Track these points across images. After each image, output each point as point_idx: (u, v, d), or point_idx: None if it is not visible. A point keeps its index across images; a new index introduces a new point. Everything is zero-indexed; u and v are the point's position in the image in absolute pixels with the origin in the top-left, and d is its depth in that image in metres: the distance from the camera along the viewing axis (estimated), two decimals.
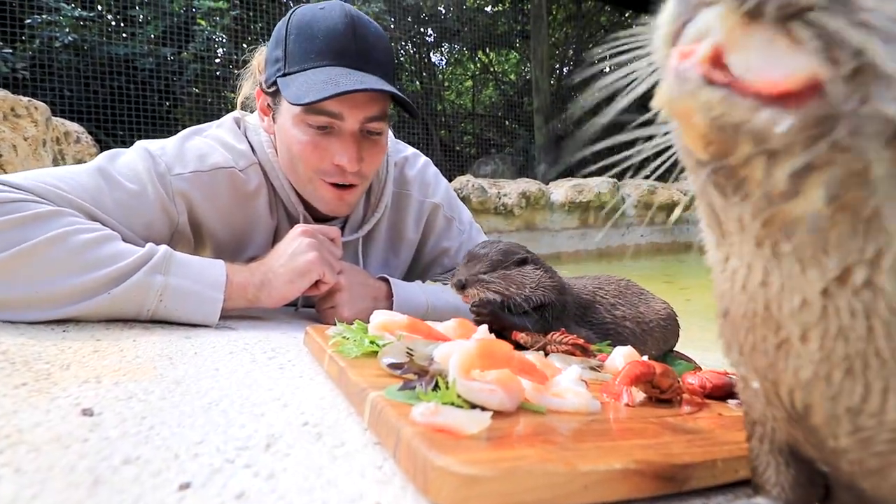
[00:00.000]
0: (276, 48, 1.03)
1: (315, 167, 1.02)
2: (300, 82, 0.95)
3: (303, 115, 0.98)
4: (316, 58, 0.97)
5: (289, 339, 0.83)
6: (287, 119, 1.02)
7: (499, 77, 9.84)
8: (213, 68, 5.37)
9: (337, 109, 0.96)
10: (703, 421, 0.56)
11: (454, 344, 0.50)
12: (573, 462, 0.36)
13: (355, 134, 1.01)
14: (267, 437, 0.42)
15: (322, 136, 1.00)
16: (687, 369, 0.96)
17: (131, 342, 0.68)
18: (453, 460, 0.33)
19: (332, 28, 0.98)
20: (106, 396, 0.47)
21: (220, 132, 1.14)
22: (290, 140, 1.02)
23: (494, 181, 5.23)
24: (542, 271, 0.92)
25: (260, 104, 1.10)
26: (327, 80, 0.93)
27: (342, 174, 1.03)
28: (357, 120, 0.99)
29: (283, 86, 0.98)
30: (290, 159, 1.05)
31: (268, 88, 1.05)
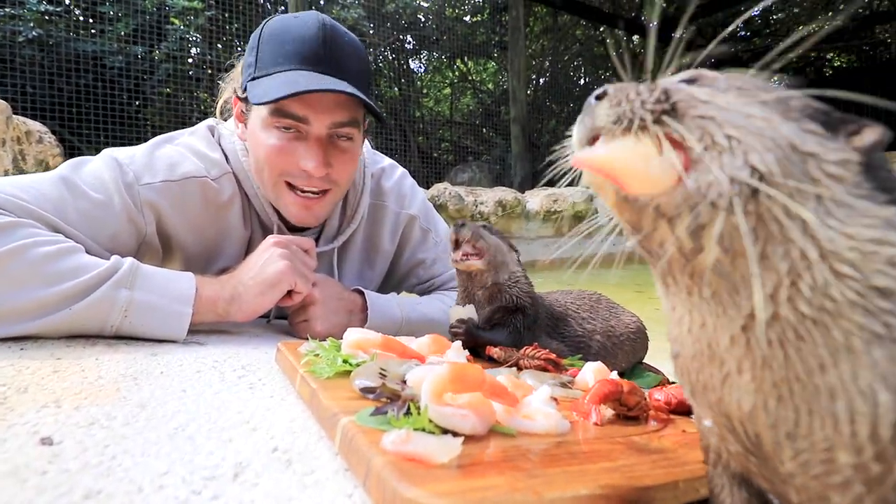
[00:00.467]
0: (249, 54, 1.03)
1: (280, 170, 1.01)
2: (265, 84, 0.95)
3: (270, 118, 0.98)
4: (283, 62, 0.97)
5: (260, 354, 0.82)
6: (256, 123, 1.01)
7: (477, 86, 9.94)
8: (186, 68, 5.24)
9: (302, 113, 0.96)
10: (667, 439, 0.58)
11: (426, 368, 0.50)
12: (540, 490, 0.37)
13: (322, 139, 1.00)
14: (235, 465, 0.41)
15: (289, 140, 0.99)
16: (655, 381, 0.99)
17: (94, 361, 0.66)
18: (422, 492, 0.33)
19: (302, 34, 0.98)
20: (66, 423, 0.45)
21: (192, 140, 1.11)
22: (258, 144, 1.01)
23: (471, 189, 5.27)
24: (523, 274, 0.94)
25: (236, 111, 1.09)
26: (289, 81, 0.93)
27: (308, 179, 1.02)
28: (324, 124, 0.99)
29: (250, 89, 0.98)
30: (257, 164, 1.04)
31: (241, 94, 1.04)
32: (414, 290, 1.39)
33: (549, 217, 5.43)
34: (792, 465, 0.31)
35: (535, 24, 9.18)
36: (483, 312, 0.91)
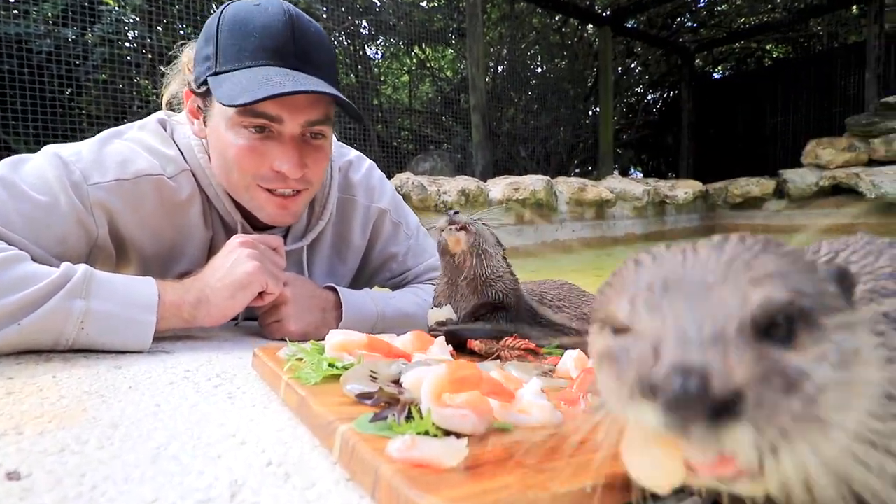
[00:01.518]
0: (207, 45, 0.95)
1: (253, 173, 0.96)
2: (233, 82, 0.88)
3: (238, 117, 0.91)
4: (251, 56, 0.91)
5: (233, 360, 0.78)
6: (220, 122, 0.94)
7: (435, 73, 9.84)
8: (124, 53, 4.86)
9: (276, 112, 0.91)
10: None
11: (423, 370, 0.49)
12: (550, 486, 0.37)
13: (296, 138, 0.95)
14: (230, 484, 0.39)
15: (260, 139, 0.93)
16: None
17: (51, 379, 0.61)
18: (438, 499, 0.32)
19: (268, 25, 0.91)
20: (32, 451, 0.41)
21: (143, 135, 1.03)
22: (224, 144, 0.94)
23: (434, 179, 5.24)
24: (508, 270, 0.94)
25: (189, 106, 1.01)
26: (264, 80, 0.87)
27: (283, 181, 0.97)
28: (298, 124, 0.94)
29: (215, 85, 0.90)
30: (224, 165, 0.97)
31: (197, 88, 0.97)
32: (387, 283, 1.37)
33: (511, 205, 5.49)
34: None
35: (493, 11, 9.15)
36: (466, 306, 0.91)
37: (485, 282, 0.89)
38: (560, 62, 9.70)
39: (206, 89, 0.94)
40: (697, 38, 10.06)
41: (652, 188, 6.97)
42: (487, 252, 0.90)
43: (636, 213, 6.81)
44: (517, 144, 8.86)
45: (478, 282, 0.89)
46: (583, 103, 9.81)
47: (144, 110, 5.19)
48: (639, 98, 11.52)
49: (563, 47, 9.60)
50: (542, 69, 9.80)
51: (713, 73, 11.42)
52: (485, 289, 0.90)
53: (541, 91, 9.35)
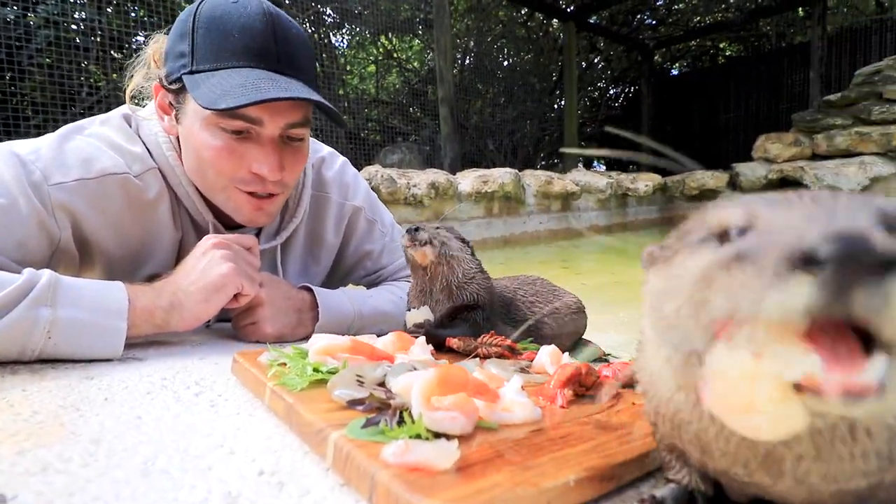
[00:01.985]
0: (181, 41, 0.91)
1: (230, 175, 0.93)
2: (213, 84, 0.86)
3: (215, 117, 0.89)
4: (231, 57, 0.88)
5: (210, 367, 0.77)
6: (195, 121, 0.91)
7: (402, 64, 9.73)
8: (71, 36, 4.55)
9: (256, 115, 0.89)
10: (623, 413, 0.64)
11: (412, 375, 0.51)
12: (537, 481, 0.39)
13: (275, 141, 0.93)
14: (225, 496, 0.40)
15: (238, 141, 0.91)
16: (594, 354, 1.08)
17: (21, 393, 0.58)
18: (436, 501, 0.34)
19: (249, 26, 0.89)
20: (12, 472, 0.40)
21: (106, 131, 0.99)
22: (200, 145, 0.92)
23: (403, 172, 5.21)
24: (476, 263, 0.96)
25: (159, 101, 0.97)
26: (247, 84, 0.85)
27: (261, 183, 0.95)
28: (278, 126, 0.92)
29: (192, 85, 0.87)
30: (198, 165, 0.95)
31: (169, 84, 0.94)
32: (361, 282, 1.37)
33: (480, 198, 5.54)
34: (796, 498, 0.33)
35: (460, 2, 9.12)
36: (442, 309, 0.93)
37: (458, 286, 0.91)
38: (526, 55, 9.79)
39: (179, 86, 0.91)
40: (656, 35, 10.39)
41: (615, 181, 7.20)
42: (455, 257, 0.92)
43: (600, 205, 7.01)
44: (485, 137, 8.91)
45: (451, 287, 0.91)
46: (548, 97, 9.96)
47: (94, 97, 4.89)
48: (601, 93, 11.81)
49: (528, 41, 9.69)
50: (508, 62, 9.87)
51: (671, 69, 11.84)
52: (458, 292, 0.92)
53: (507, 84, 9.42)
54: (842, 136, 6.85)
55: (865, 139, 6.65)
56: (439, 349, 0.91)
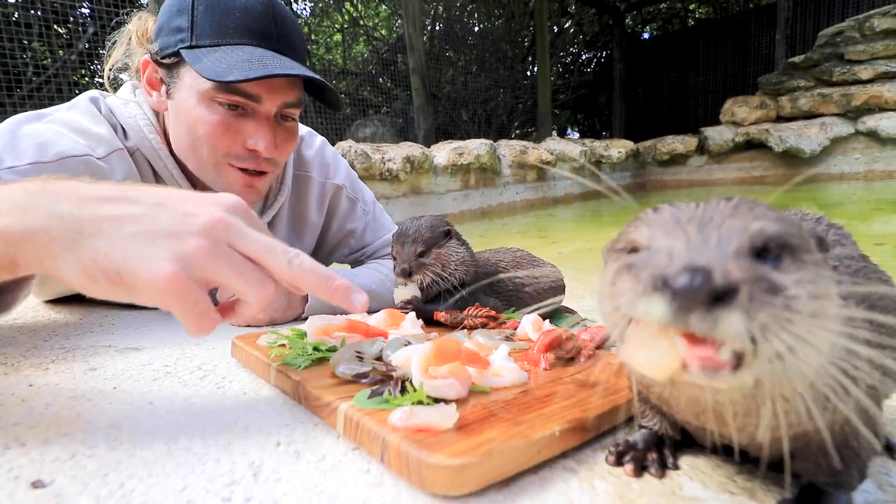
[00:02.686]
0: (179, 17, 0.91)
1: (225, 150, 0.94)
2: (216, 58, 0.87)
3: (213, 92, 0.90)
4: (234, 34, 0.90)
5: (208, 351, 0.80)
6: (190, 96, 0.92)
7: (370, 32, 9.41)
8: (9, 11, 4.23)
9: (255, 91, 0.91)
10: (601, 373, 0.70)
11: (410, 349, 0.55)
12: (528, 434, 0.45)
13: (271, 118, 0.96)
14: (249, 466, 0.44)
15: (234, 116, 0.93)
16: (573, 320, 1.15)
17: (27, 388, 0.60)
18: (442, 455, 0.39)
19: (250, 7, 0.91)
20: (44, 461, 0.43)
21: (71, 115, 0.97)
22: (195, 119, 0.92)
23: (377, 146, 5.14)
24: (464, 248, 1.00)
25: (147, 76, 0.97)
26: (252, 60, 0.87)
27: (255, 159, 0.97)
28: (275, 104, 0.94)
29: (194, 59, 0.88)
30: (191, 141, 0.95)
31: (162, 59, 0.93)
32: (345, 260, 1.39)
33: (456, 170, 5.54)
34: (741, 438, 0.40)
35: None
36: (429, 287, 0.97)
37: (448, 274, 0.96)
38: (497, 21, 9.59)
39: (175, 61, 0.91)
40: None
41: (588, 149, 7.27)
42: (450, 272, 0.95)
43: (574, 173, 7.10)
44: (458, 107, 8.80)
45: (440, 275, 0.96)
46: (520, 64, 9.84)
47: (41, 77, 4.60)
48: (574, 58, 11.72)
49: (499, 5, 9.47)
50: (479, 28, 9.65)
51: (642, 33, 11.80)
52: (446, 276, 0.96)
53: (479, 52, 9.25)
54: (805, 98, 7.05)
55: (827, 100, 6.86)
56: (428, 323, 0.96)
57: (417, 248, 0.94)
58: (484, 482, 0.40)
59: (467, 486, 0.39)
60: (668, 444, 0.48)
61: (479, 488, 0.40)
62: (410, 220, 1.00)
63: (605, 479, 0.44)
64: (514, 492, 0.41)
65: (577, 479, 0.44)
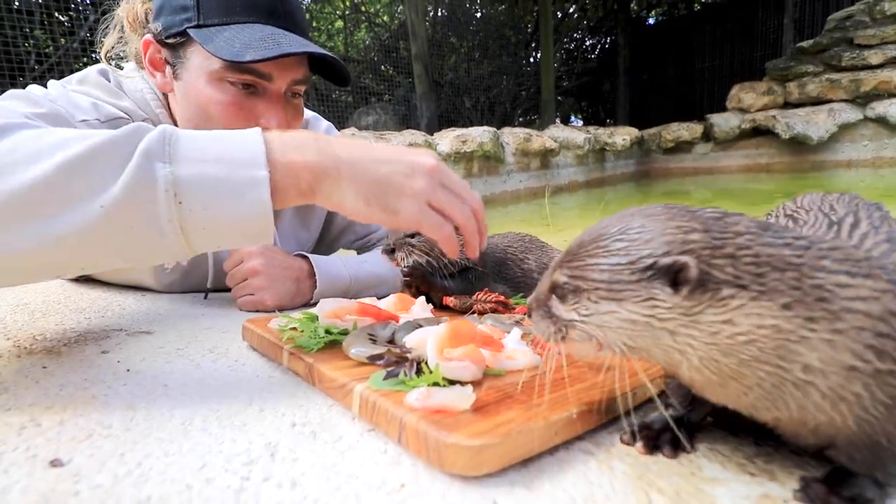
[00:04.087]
0: None
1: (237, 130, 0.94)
2: (228, 37, 0.86)
3: (224, 71, 0.89)
4: (241, 12, 0.89)
5: (218, 335, 0.80)
6: (200, 76, 0.91)
7: (371, 18, 9.29)
8: None
9: (267, 70, 0.90)
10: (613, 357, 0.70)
11: (424, 331, 0.54)
12: (545, 415, 0.44)
13: (282, 96, 0.95)
14: (265, 446, 0.44)
15: (245, 96, 0.92)
16: None
17: (41, 370, 0.60)
18: (461, 436, 0.39)
19: None
20: (60, 440, 0.43)
21: (86, 89, 0.97)
22: (206, 100, 0.91)
23: (380, 134, 5.11)
24: None
25: (149, 57, 0.96)
26: (265, 39, 0.86)
27: None
28: (286, 82, 0.94)
29: (204, 39, 0.87)
30: (202, 121, 0.94)
31: (166, 39, 0.92)
32: (352, 246, 1.39)
33: (459, 158, 5.50)
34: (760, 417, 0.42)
35: None
36: None
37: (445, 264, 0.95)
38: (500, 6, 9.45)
39: (181, 40, 0.90)
40: None
41: (592, 136, 7.21)
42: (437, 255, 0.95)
43: (578, 160, 7.05)
44: (461, 95, 8.72)
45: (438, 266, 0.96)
46: (524, 50, 9.71)
47: (44, 65, 4.57)
48: (577, 44, 11.56)
49: None
50: (481, 13, 9.52)
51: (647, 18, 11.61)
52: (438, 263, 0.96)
53: (482, 38, 9.13)
54: (813, 84, 6.94)
55: (835, 86, 6.76)
56: (437, 308, 0.95)
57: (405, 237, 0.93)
58: (503, 463, 0.40)
59: (487, 466, 0.39)
60: (685, 426, 0.48)
61: (498, 469, 0.40)
62: None
63: (624, 460, 0.44)
64: (532, 473, 0.41)
65: (596, 460, 0.44)
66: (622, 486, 0.40)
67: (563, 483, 0.40)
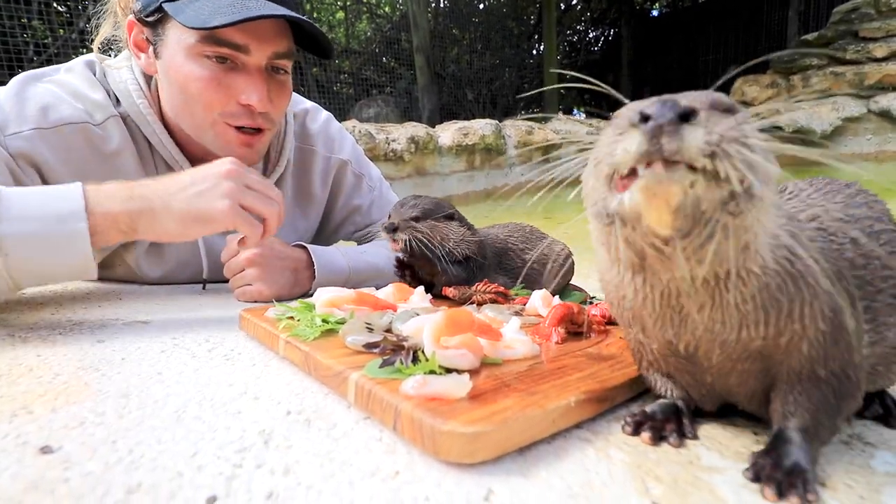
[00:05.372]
0: None
1: (220, 108, 0.92)
2: (198, 6, 0.84)
3: (200, 45, 0.87)
4: None
5: (216, 324, 0.79)
6: (178, 52, 0.89)
7: (373, 9, 9.21)
8: None
9: (243, 41, 0.88)
10: (612, 346, 0.69)
11: (421, 319, 0.54)
12: (543, 404, 0.44)
13: (262, 70, 0.93)
14: (259, 433, 0.43)
15: (224, 71, 0.90)
16: (580, 298, 1.14)
17: (36, 358, 0.60)
18: (457, 423, 0.38)
19: None
20: (52, 428, 0.43)
21: (69, 78, 0.96)
22: (185, 77, 0.90)
23: (382, 126, 5.08)
24: (465, 228, 0.99)
25: (133, 38, 0.94)
26: (235, 4, 0.83)
27: (249, 115, 0.94)
28: (265, 54, 0.91)
29: (176, 11, 0.85)
30: (184, 101, 0.93)
31: (146, 17, 0.90)
32: (352, 237, 1.38)
33: (461, 151, 5.47)
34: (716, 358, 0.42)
35: None
36: None
37: (451, 249, 0.94)
38: None
39: (157, 18, 0.89)
40: None
41: (595, 129, 7.16)
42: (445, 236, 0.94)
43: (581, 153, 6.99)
44: (463, 87, 8.65)
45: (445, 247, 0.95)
46: (526, 42, 9.63)
47: (42, 56, 4.54)
48: (580, 36, 11.46)
49: None
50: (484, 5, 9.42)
51: (651, 9, 11.49)
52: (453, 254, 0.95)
53: (484, 29, 9.04)
54: (817, 77, 6.87)
55: (840, 79, 6.70)
56: (436, 296, 0.95)
57: (414, 212, 0.92)
58: (499, 450, 0.40)
59: (482, 453, 0.38)
60: (686, 415, 0.47)
61: (494, 456, 0.40)
62: (416, 195, 0.98)
63: (622, 448, 0.43)
64: (529, 461, 0.41)
65: (593, 448, 0.43)
66: (620, 473, 0.39)
67: (559, 471, 0.39)
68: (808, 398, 0.41)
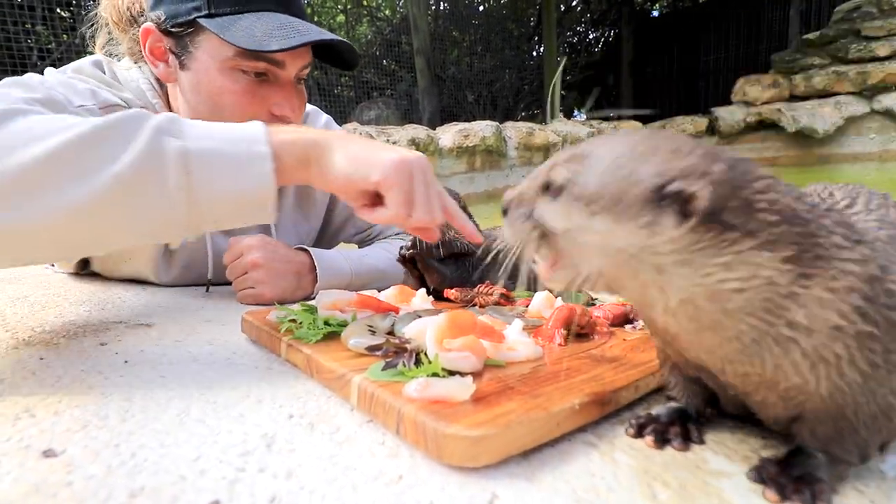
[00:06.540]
0: None
1: (251, 118, 0.93)
2: (245, 26, 0.86)
3: (236, 60, 0.89)
4: (252, 1, 0.89)
5: (217, 327, 0.79)
6: (210, 65, 0.90)
7: (373, 12, 9.24)
8: None
9: (281, 58, 0.91)
10: (616, 348, 0.69)
11: (423, 321, 0.53)
12: (547, 406, 0.43)
13: (292, 83, 0.96)
14: (262, 437, 0.43)
15: (258, 84, 0.92)
16: (582, 299, 1.14)
17: (38, 361, 0.60)
18: (460, 426, 0.38)
19: None
20: (55, 431, 0.43)
21: (83, 78, 0.96)
22: (218, 90, 0.91)
23: (382, 128, 5.09)
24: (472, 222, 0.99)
25: (150, 46, 0.95)
26: (284, 27, 0.87)
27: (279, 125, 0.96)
28: (297, 68, 0.95)
29: (220, 28, 0.87)
30: (214, 111, 0.94)
31: (172, 28, 0.91)
32: (353, 240, 1.38)
33: (461, 153, 5.48)
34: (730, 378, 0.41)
35: None
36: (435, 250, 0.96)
37: (451, 239, 0.94)
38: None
39: (189, 30, 0.90)
40: None
41: (596, 130, 7.15)
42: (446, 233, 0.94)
43: None
44: (463, 89, 8.67)
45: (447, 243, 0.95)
46: (526, 44, 9.65)
47: (46, 61, 4.57)
48: (581, 37, 11.47)
49: None
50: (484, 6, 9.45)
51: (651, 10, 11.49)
52: (451, 245, 0.95)
53: (484, 31, 9.06)
54: (819, 76, 6.86)
55: (842, 78, 6.67)
56: (437, 299, 0.95)
57: None
58: (503, 454, 0.39)
59: (485, 457, 0.38)
60: (693, 419, 0.47)
61: (498, 460, 0.39)
62: None
63: (627, 452, 0.43)
64: (533, 465, 0.40)
65: (598, 452, 0.43)
66: (626, 478, 0.39)
67: (565, 475, 0.39)
68: (836, 430, 0.38)
